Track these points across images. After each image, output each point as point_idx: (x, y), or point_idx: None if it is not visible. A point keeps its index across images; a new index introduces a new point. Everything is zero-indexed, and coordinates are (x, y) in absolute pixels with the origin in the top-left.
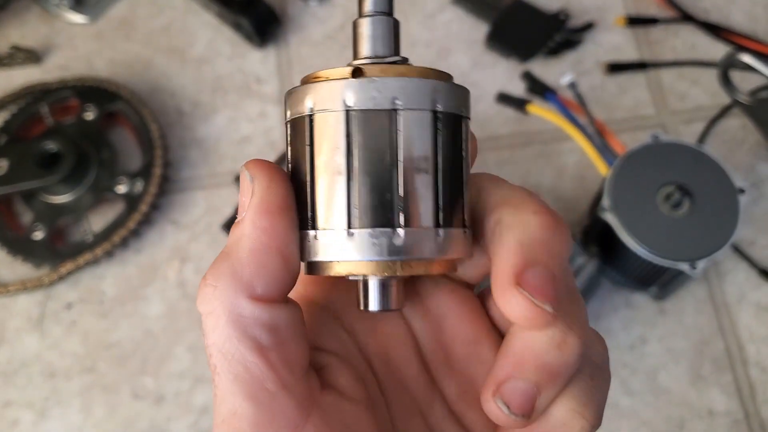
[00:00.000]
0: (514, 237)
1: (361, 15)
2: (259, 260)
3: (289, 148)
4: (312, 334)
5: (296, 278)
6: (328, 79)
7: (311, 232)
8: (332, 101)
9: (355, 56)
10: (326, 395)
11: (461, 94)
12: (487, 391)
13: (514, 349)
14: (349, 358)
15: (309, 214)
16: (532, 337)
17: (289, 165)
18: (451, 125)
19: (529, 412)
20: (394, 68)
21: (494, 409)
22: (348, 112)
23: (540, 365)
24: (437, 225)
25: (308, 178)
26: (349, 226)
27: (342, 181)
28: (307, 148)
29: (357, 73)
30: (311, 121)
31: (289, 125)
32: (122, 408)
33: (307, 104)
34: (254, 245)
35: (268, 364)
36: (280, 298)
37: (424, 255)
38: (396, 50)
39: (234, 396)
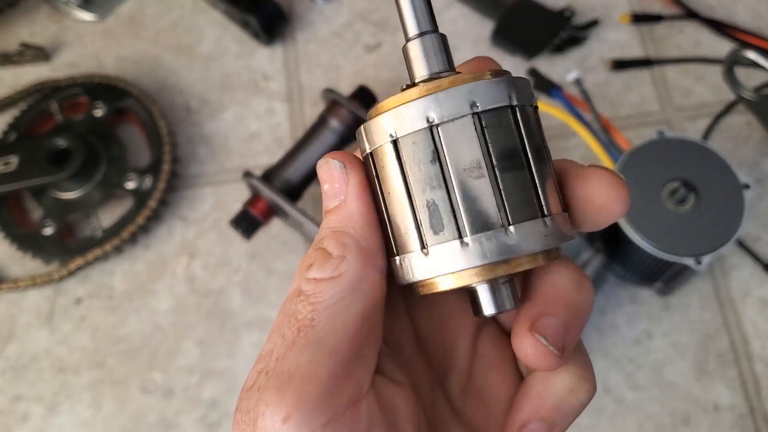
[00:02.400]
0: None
1: (407, 39)
2: (376, 235)
3: (377, 179)
4: None
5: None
6: (402, 102)
7: (415, 253)
8: (412, 121)
9: (412, 80)
10: (381, 381)
11: (527, 85)
12: (521, 330)
13: (542, 290)
14: (400, 344)
15: (413, 233)
16: (557, 278)
17: (381, 195)
18: (528, 116)
19: (562, 347)
20: (461, 77)
21: (532, 343)
22: (431, 127)
23: (567, 303)
24: (543, 215)
25: (407, 201)
26: (461, 236)
27: (442, 194)
28: (399, 173)
29: (426, 89)
30: (396, 147)
31: (371, 157)
32: (131, 402)
33: (388, 131)
34: (368, 221)
35: (361, 330)
36: (385, 270)
37: (535, 247)
38: (450, 65)
39: (321, 347)
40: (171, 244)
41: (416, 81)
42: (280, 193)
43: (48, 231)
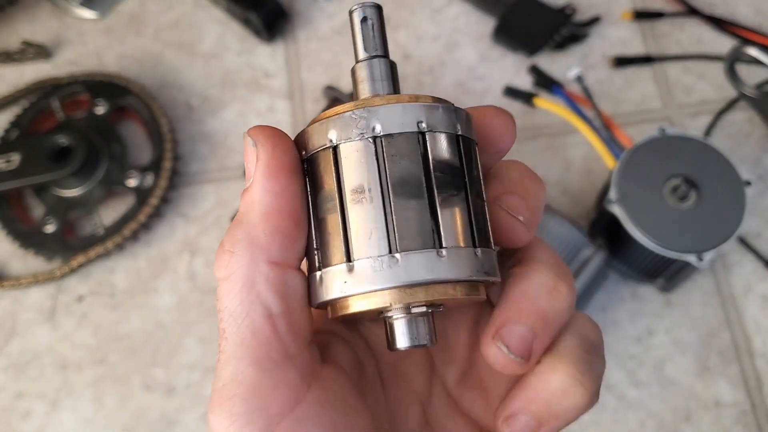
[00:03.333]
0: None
1: (357, 60)
2: (272, 224)
3: (309, 184)
4: (317, 315)
5: (305, 238)
6: (345, 111)
7: (339, 266)
8: (357, 129)
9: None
10: (327, 369)
11: (450, 115)
12: (487, 336)
13: (512, 296)
14: (352, 340)
15: (340, 246)
16: (528, 284)
17: (311, 200)
18: (469, 147)
19: (528, 354)
20: (412, 95)
21: (495, 351)
22: (375, 138)
23: (536, 310)
24: (474, 245)
25: (338, 210)
26: (390, 251)
27: (378, 207)
28: (334, 179)
29: (376, 101)
30: (335, 153)
31: (307, 162)
32: (133, 399)
33: (329, 136)
34: (266, 209)
35: (275, 331)
36: (294, 263)
37: (465, 275)
38: (396, 90)
39: (238, 360)
40: (172, 242)
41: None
42: None
43: (50, 228)
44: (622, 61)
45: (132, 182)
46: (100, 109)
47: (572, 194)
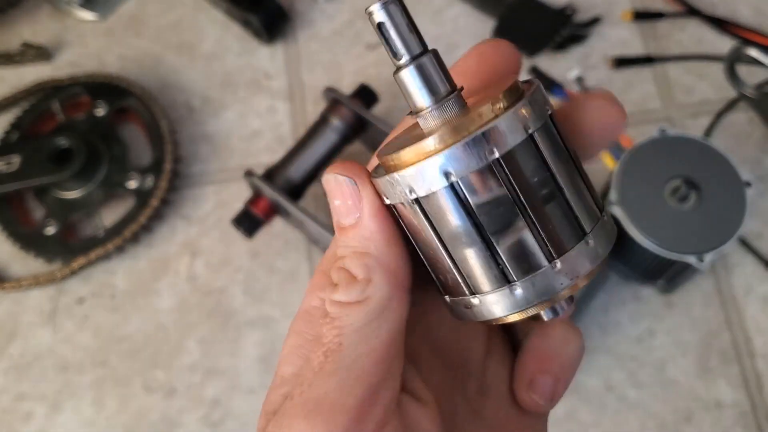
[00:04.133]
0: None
1: (399, 68)
2: (397, 255)
3: (408, 230)
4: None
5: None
6: (417, 160)
7: (471, 298)
8: (432, 181)
9: (416, 110)
10: (407, 401)
11: (540, 95)
12: (521, 388)
13: (538, 349)
14: (419, 354)
15: (462, 283)
16: (549, 338)
17: (416, 244)
18: (548, 131)
19: (553, 398)
20: (473, 119)
21: (529, 399)
22: (452, 185)
23: (558, 360)
24: (584, 234)
25: (445, 254)
26: (509, 282)
27: (480, 248)
28: (430, 231)
29: (440, 141)
30: (421, 207)
31: (397, 209)
32: (134, 401)
33: (406, 190)
34: (388, 241)
35: (388, 354)
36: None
37: (585, 270)
38: (450, 83)
39: (349, 373)
40: (173, 243)
41: (421, 111)
42: (282, 191)
43: (50, 230)
44: (622, 62)
45: (132, 184)
46: (101, 111)
47: None
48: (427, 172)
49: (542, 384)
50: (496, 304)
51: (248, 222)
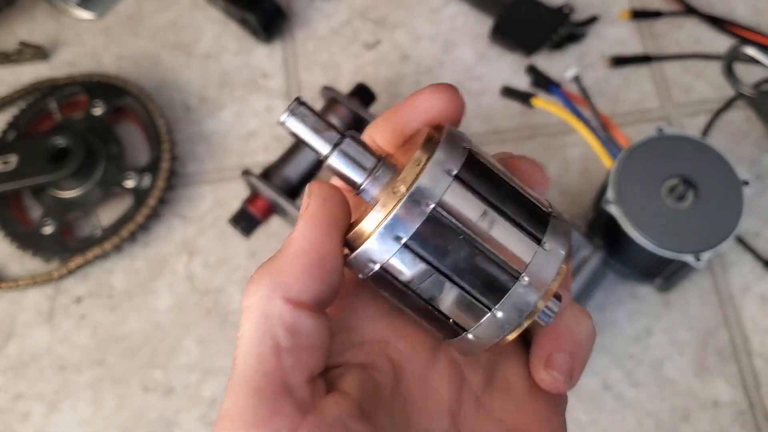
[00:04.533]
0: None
1: (326, 158)
2: (299, 266)
3: (390, 297)
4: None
5: (334, 294)
6: (368, 234)
7: (467, 335)
8: (388, 248)
9: (355, 188)
10: (329, 398)
11: (453, 137)
12: (538, 366)
13: (553, 328)
14: (372, 364)
15: (453, 325)
16: (563, 317)
17: (404, 308)
18: (471, 165)
19: (571, 374)
20: (406, 179)
21: (547, 377)
22: (405, 245)
23: (572, 338)
24: (539, 242)
25: (428, 306)
26: (490, 311)
27: (453, 290)
28: (407, 291)
29: (381, 210)
30: (388, 272)
31: (371, 279)
32: (132, 400)
33: (372, 265)
34: (299, 250)
35: (280, 364)
36: (311, 306)
37: (552, 274)
38: (375, 155)
39: (241, 388)
40: (170, 243)
41: (360, 188)
42: (280, 191)
43: (47, 230)
44: (619, 61)
45: (130, 183)
46: (98, 110)
47: (570, 194)
48: (379, 242)
49: (559, 360)
50: (489, 333)
51: (246, 221)
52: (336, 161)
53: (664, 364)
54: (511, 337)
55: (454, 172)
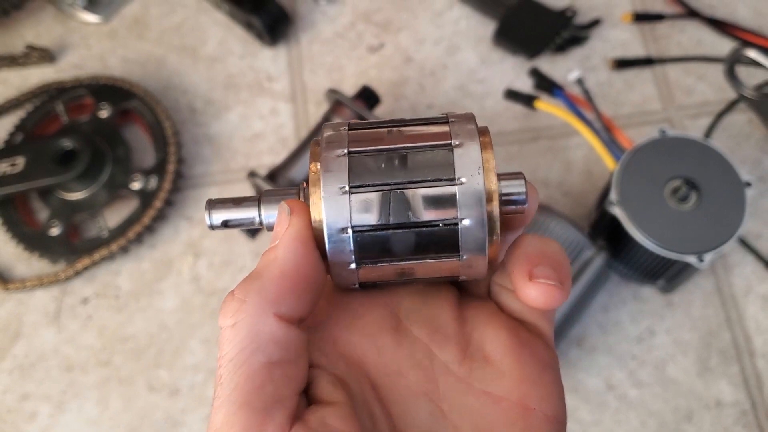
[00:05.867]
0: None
1: (260, 225)
2: (288, 282)
3: (383, 270)
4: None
5: (315, 307)
6: (320, 213)
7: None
8: (341, 204)
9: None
10: (315, 407)
11: (333, 124)
12: (522, 283)
13: (522, 251)
14: (335, 368)
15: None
16: (529, 240)
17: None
18: (358, 122)
19: (560, 280)
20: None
21: (537, 287)
22: (351, 188)
23: (545, 255)
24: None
25: (412, 236)
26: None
27: (417, 197)
28: (383, 234)
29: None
30: (361, 230)
31: (361, 260)
32: (138, 400)
33: (344, 238)
34: (285, 267)
35: (270, 377)
36: (299, 320)
37: (477, 155)
38: (292, 187)
39: (230, 404)
40: (176, 244)
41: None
42: None
43: (54, 231)
44: (622, 63)
45: (136, 185)
46: (104, 113)
47: (573, 196)
48: (331, 205)
49: (542, 270)
50: (474, 243)
51: None
52: (268, 218)
53: (667, 365)
54: (496, 237)
55: (344, 128)
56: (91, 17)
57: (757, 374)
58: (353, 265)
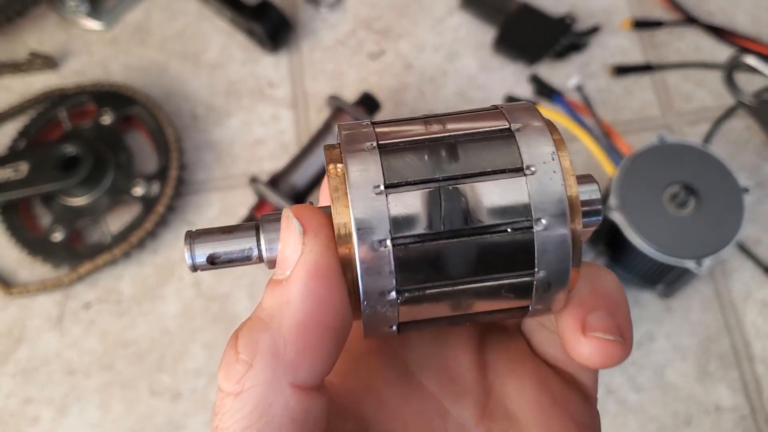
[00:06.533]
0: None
1: (259, 251)
2: (309, 338)
3: (431, 306)
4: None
5: (339, 354)
6: (347, 216)
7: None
8: (377, 205)
9: None
10: None
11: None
12: (573, 338)
13: (575, 293)
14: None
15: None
16: (583, 279)
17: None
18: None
19: (619, 331)
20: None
21: (592, 344)
22: (386, 186)
23: (602, 296)
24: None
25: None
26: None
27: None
28: (433, 245)
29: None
30: (402, 242)
31: (402, 289)
32: (140, 404)
33: (382, 250)
34: (304, 317)
35: None
36: (321, 384)
37: (560, 184)
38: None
39: None
40: (178, 249)
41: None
42: (287, 198)
43: (57, 237)
44: (621, 70)
45: (138, 191)
46: (107, 119)
47: None
48: (363, 203)
49: (598, 319)
50: (555, 256)
51: None
52: (270, 242)
53: (666, 370)
54: (579, 249)
55: (367, 123)
56: (93, 24)
57: (756, 379)
58: (393, 294)
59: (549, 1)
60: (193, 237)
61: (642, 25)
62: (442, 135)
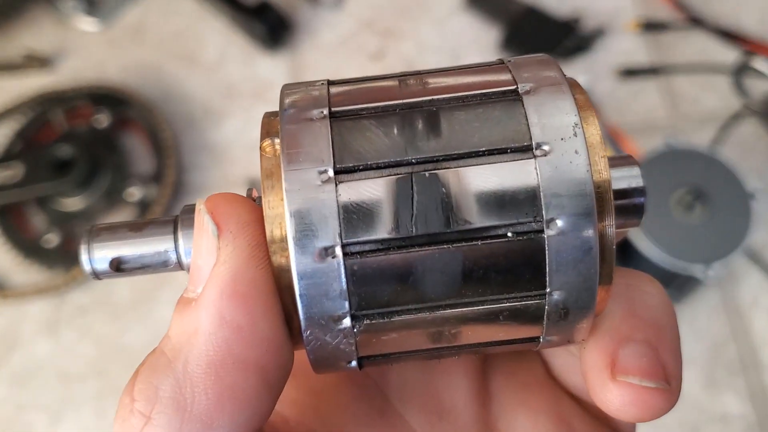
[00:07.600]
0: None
1: (177, 254)
2: (226, 381)
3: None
4: None
5: (278, 397)
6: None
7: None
8: (321, 191)
9: None
10: None
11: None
12: (599, 381)
13: (608, 315)
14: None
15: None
16: (618, 296)
17: None
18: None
19: (664, 373)
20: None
21: (622, 391)
22: (335, 172)
23: (641, 320)
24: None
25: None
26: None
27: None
28: (407, 247)
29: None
30: (360, 252)
31: (360, 314)
32: None
33: (331, 258)
34: (218, 354)
35: None
36: None
37: (585, 162)
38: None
39: None
40: None
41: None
42: None
43: (52, 240)
44: (627, 73)
45: (134, 193)
46: (103, 121)
47: None
48: (297, 188)
49: (632, 355)
50: (578, 271)
51: None
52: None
53: None
54: (610, 262)
55: (321, 85)
56: (90, 25)
57: (763, 387)
58: (346, 321)
59: (554, 3)
60: (93, 235)
61: (648, 27)
62: (420, 99)
